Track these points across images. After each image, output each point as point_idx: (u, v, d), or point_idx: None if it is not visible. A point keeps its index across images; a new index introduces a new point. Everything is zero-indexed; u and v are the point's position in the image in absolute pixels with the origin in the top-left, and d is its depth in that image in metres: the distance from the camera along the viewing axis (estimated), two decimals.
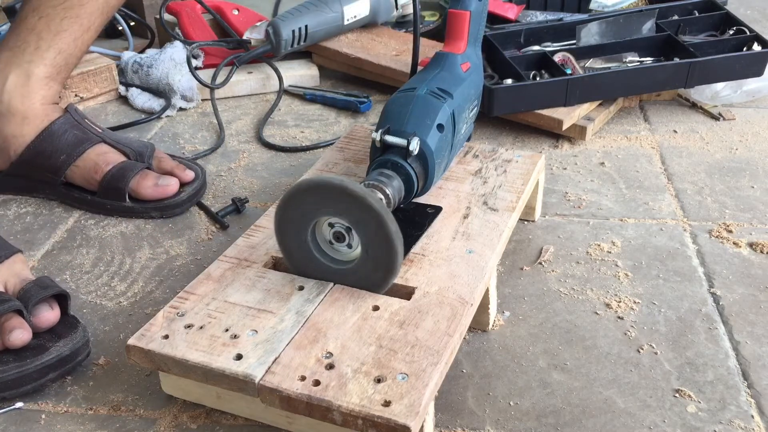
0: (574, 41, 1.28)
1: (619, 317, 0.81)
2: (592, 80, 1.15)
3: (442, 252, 0.77)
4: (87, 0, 1.00)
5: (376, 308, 0.69)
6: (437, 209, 0.83)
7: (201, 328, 0.67)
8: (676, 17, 1.32)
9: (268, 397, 0.62)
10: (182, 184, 1.01)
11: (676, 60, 1.19)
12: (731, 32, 1.27)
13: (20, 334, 0.71)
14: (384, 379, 0.61)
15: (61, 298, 0.76)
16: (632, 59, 1.23)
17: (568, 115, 1.15)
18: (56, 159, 0.99)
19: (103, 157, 0.99)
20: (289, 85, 1.37)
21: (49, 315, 0.73)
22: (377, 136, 0.78)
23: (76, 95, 1.28)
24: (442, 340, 0.65)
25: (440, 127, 0.80)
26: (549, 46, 1.28)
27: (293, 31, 1.30)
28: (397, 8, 1.47)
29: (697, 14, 1.33)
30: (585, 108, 1.18)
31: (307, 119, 1.28)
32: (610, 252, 0.92)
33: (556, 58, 1.21)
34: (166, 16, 1.44)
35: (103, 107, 1.33)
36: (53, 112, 1.01)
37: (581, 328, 0.80)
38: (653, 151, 1.15)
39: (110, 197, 0.99)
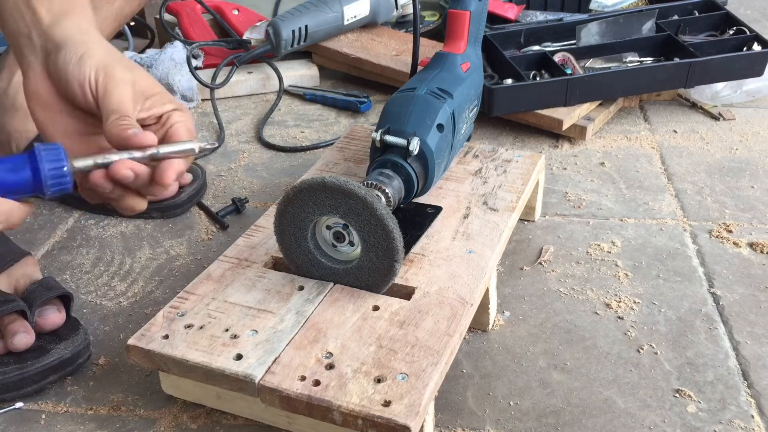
0: (574, 41, 1.28)
1: (619, 317, 0.81)
2: (592, 80, 1.15)
3: (442, 252, 0.77)
4: (102, 5, 0.99)
5: (376, 308, 0.69)
6: (437, 209, 0.83)
7: (201, 328, 0.67)
8: (676, 17, 1.32)
9: (268, 397, 0.62)
10: (181, 186, 1.01)
11: (676, 60, 1.19)
12: (731, 32, 1.27)
13: (23, 338, 0.71)
14: (384, 379, 0.61)
15: (64, 299, 0.76)
16: (632, 59, 1.23)
17: (568, 115, 1.15)
18: None
19: None
20: (289, 85, 1.37)
21: (55, 318, 0.74)
22: (377, 136, 0.78)
23: None
24: (442, 340, 0.65)
25: (440, 127, 0.80)
26: (549, 46, 1.28)
27: (293, 31, 1.30)
28: (397, 8, 1.47)
29: (697, 14, 1.33)
30: (585, 108, 1.18)
31: (307, 119, 1.28)
32: (610, 252, 0.92)
33: (556, 58, 1.21)
34: (166, 16, 1.44)
35: None
36: None
37: (581, 328, 0.80)
38: (653, 151, 1.15)
39: None
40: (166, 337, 0.67)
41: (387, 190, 0.74)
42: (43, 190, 0.55)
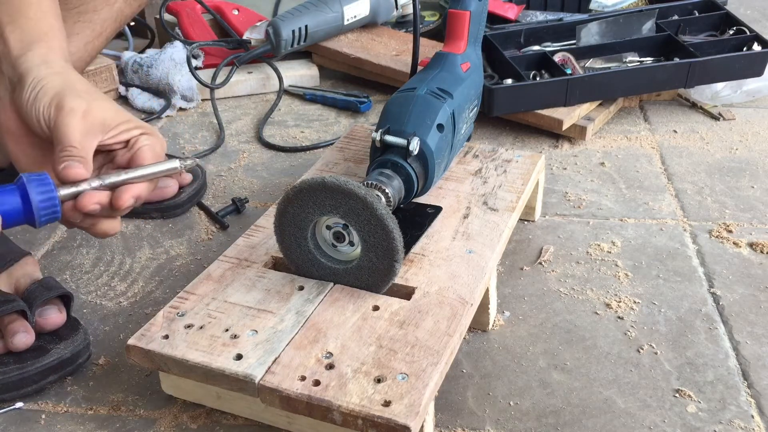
0: (574, 41, 1.28)
1: (619, 317, 0.81)
2: (592, 80, 1.15)
3: (442, 252, 0.77)
4: (101, 6, 0.99)
5: (376, 308, 0.69)
6: (437, 209, 0.83)
7: (201, 328, 0.67)
8: (676, 17, 1.32)
9: (268, 397, 0.62)
10: (181, 186, 1.02)
11: (676, 60, 1.19)
12: (731, 32, 1.27)
13: (23, 338, 0.71)
14: (384, 379, 0.61)
15: (64, 299, 0.76)
16: (632, 59, 1.23)
17: (568, 115, 1.15)
18: None
19: None
20: (289, 85, 1.37)
21: (55, 318, 0.74)
22: (377, 136, 0.78)
23: None
24: (442, 340, 0.65)
25: (440, 127, 0.80)
26: (549, 46, 1.28)
27: (293, 31, 1.30)
28: (397, 8, 1.47)
29: (697, 14, 1.33)
30: (585, 108, 1.18)
31: (307, 119, 1.28)
32: (610, 252, 0.92)
33: (556, 58, 1.21)
34: (166, 16, 1.44)
35: None
36: None
37: (581, 328, 0.80)
38: (653, 151, 1.15)
39: None
40: (166, 337, 0.67)
41: (387, 190, 0.74)
42: (35, 219, 0.55)
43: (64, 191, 0.57)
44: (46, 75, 0.61)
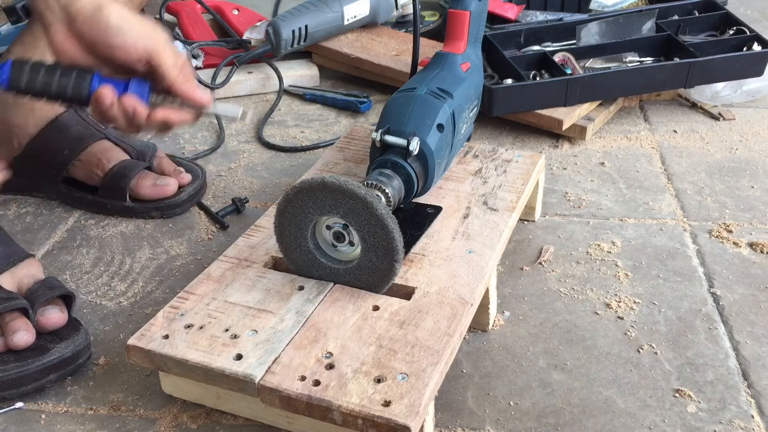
0: (574, 41, 1.28)
1: (619, 317, 0.81)
2: (592, 80, 1.15)
3: (442, 252, 0.77)
4: None
5: (376, 308, 0.69)
6: (437, 209, 0.83)
7: (201, 328, 0.67)
8: (676, 17, 1.32)
9: (268, 397, 0.62)
10: (181, 186, 1.02)
11: (676, 60, 1.19)
12: (731, 32, 1.27)
13: (24, 336, 0.71)
14: (384, 379, 0.61)
15: (66, 299, 0.76)
16: (632, 59, 1.23)
17: (568, 115, 1.15)
18: (60, 153, 0.99)
19: (105, 154, 1.00)
20: (289, 85, 1.37)
21: (57, 318, 0.74)
22: (377, 136, 0.78)
23: None
24: (442, 340, 0.65)
25: (440, 127, 0.80)
26: (549, 46, 1.28)
27: (293, 31, 1.30)
28: (397, 8, 1.47)
29: (697, 14, 1.33)
30: (585, 108, 1.18)
31: (307, 119, 1.28)
32: (610, 252, 0.92)
33: (556, 58, 1.21)
34: (166, 16, 1.44)
35: None
36: (59, 107, 1.01)
37: (581, 328, 0.80)
38: (653, 151, 1.15)
39: (111, 196, 0.99)
40: (166, 337, 0.67)
41: (387, 190, 0.74)
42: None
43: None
44: (117, 6, 0.67)
